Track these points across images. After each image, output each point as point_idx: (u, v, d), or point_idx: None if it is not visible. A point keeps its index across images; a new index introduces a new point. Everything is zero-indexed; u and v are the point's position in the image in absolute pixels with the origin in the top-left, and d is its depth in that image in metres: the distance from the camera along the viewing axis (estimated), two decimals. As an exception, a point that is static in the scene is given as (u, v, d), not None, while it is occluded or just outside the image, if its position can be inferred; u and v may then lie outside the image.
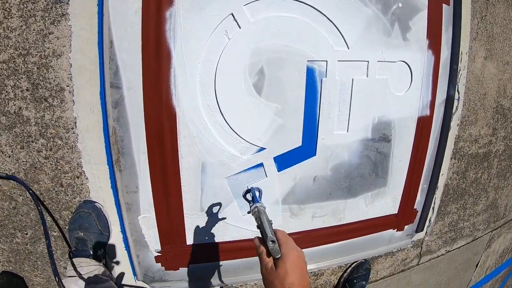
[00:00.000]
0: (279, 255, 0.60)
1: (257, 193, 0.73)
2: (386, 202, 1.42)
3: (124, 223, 1.13)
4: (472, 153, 1.70)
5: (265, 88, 1.09)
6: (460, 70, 1.51)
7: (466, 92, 1.57)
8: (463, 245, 1.97)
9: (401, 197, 1.44)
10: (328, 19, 1.10)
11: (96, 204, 1.07)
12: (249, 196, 0.75)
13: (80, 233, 1.03)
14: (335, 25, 1.11)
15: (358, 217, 1.38)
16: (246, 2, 1.01)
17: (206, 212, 1.18)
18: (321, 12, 1.09)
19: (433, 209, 1.62)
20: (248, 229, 1.26)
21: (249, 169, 1.17)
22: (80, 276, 0.97)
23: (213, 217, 1.21)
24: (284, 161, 1.19)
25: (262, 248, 0.63)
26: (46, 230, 0.98)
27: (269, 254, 0.62)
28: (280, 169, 1.19)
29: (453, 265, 2.00)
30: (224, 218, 1.22)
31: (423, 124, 1.39)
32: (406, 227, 1.54)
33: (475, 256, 2.15)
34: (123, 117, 0.99)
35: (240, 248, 1.26)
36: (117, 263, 1.19)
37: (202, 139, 1.08)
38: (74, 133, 0.99)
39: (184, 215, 1.17)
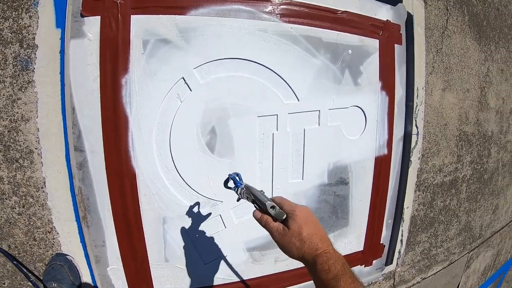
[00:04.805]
0: (285, 215, 0.59)
1: (237, 177, 0.73)
2: (350, 240, 1.44)
3: (94, 274, 1.15)
4: (437, 182, 1.74)
5: (218, 146, 1.13)
6: (417, 105, 1.57)
7: (425, 125, 1.62)
8: (440, 270, 1.98)
9: (365, 234, 1.47)
10: (277, 74, 1.15)
11: (67, 256, 1.11)
12: (231, 184, 0.74)
13: (54, 284, 1.06)
14: (283, 79, 1.16)
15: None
16: (195, 65, 1.06)
17: (170, 262, 1.20)
18: (269, 68, 1.14)
19: (401, 241, 1.64)
20: (213, 277, 1.27)
21: (208, 221, 1.19)
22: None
23: (177, 267, 1.22)
24: (241, 212, 1.21)
25: (266, 217, 0.62)
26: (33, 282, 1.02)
27: (274, 220, 0.61)
28: (238, 219, 1.22)
29: (431, 290, 2.01)
30: (187, 267, 1.24)
31: (382, 163, 1.43)
32: (374, 261, 1.56)
33: (455, 279, 2.17)
34: (88, 177, 1.03)
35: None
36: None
37: (161, 196, 1.12)
38: (44, 192, 1.03)
39: (150, 266, 1.19)
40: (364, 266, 1.54)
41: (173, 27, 1.03)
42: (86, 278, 1.14)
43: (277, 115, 1.16)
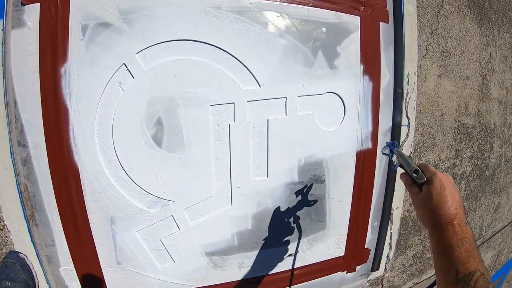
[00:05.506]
0: (424, 179, 0.63)
1: (393, 146, 0.78)
2: (328, 245, 1.29)
3: (47, 274, 1.09)
4: (431, 179, 1.56)
5: (166, 139, 1.00)
6: (408, 93, 1.39)
7: (418, 116, 1.44)
8: (435, 274, 1.81)
9: (346, 238, 1.31)
10: (233, 56, 1.00)
11: (19, 254, 1.07)
12: (387, 151, 0.78)
13: (7, 283, 1.05)
14: (241, 62, 1.00)
15: (295, 263, 1.25)
16: (138, 50, 0.94)
17: (123, 265, 1.11)
18: (224, 50, 0.99)
19: (390, 245, 1.48)
20: (168, 281, 1.16)
21: (158, 222, 1.06)
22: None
23: (130, 270, 1.12)
24: (196, 213, 1.07)
25: (408, 180, 0.66)
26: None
27: (415, 184, 0.65)
28: (193, 221, 1.08)
29: (426, 296, 1.84)
30: (141, 271, 1.13)
31: (365, 158, 1.26)
32: (358, 267, 1.40)
33: (453, 283, 1.99)
34: (32, 174, 0.98)
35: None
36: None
37: (107, 194, 1.02)
38: (-8, 188, 0.98)
39: (102, 268, 1.11)
40: (346, 273, 1.38)
41: (113, 9, 0.92)
42: (40, 278, 1.10)
43: (233, 103, 1.01)
